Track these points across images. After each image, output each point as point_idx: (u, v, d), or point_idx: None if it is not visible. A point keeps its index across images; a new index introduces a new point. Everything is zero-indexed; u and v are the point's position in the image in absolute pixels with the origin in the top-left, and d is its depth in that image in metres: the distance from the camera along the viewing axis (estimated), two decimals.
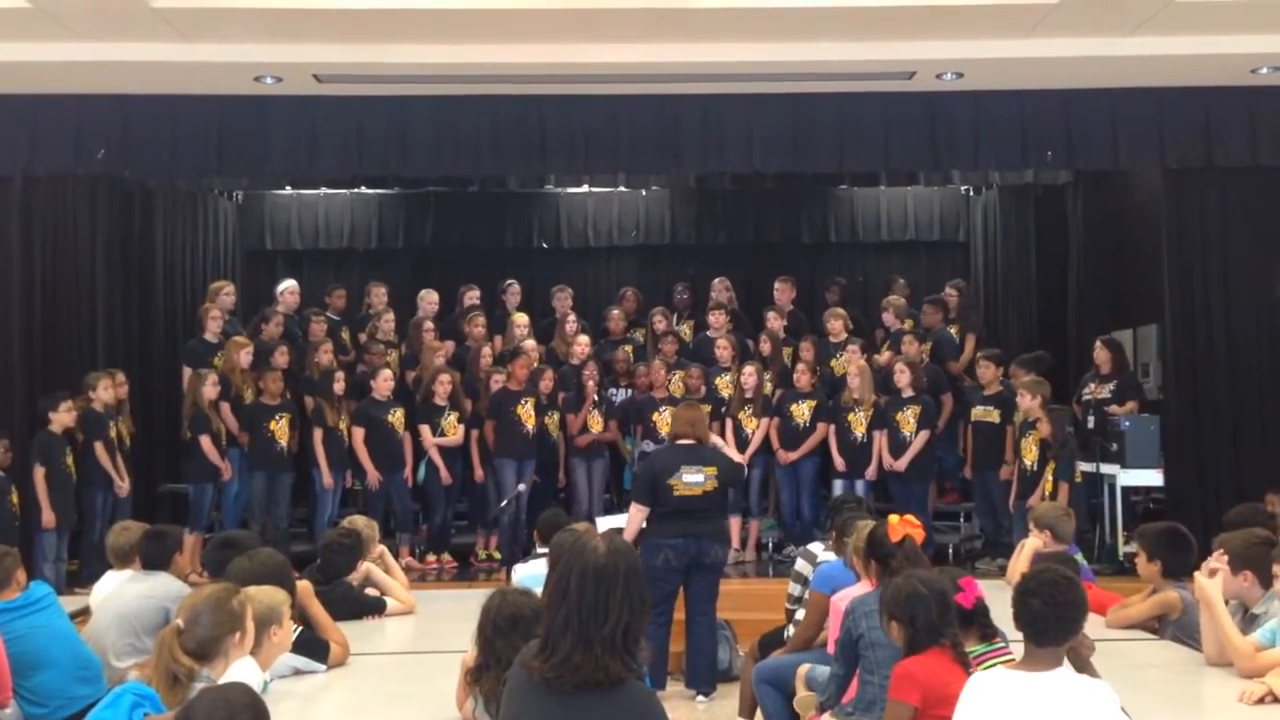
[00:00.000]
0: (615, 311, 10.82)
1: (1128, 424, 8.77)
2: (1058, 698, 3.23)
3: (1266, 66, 8.43)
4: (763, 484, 9.71)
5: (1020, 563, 5.76)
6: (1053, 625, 3.31)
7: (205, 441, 8.92)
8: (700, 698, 6.87)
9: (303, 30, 7.76)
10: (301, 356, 9.87)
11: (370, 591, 5.84)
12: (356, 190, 12.29)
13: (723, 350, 9.87)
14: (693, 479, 6.76)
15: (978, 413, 9.25)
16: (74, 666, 5.00)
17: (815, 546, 5.96)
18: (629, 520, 6.81)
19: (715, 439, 7.55)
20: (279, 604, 4.06)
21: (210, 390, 9.01)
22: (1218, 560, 4.66)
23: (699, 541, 6.65)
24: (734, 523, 9.49)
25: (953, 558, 9.16)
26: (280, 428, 9.19)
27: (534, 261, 12.70)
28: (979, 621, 3.95)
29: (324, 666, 4.62)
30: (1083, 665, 3.67)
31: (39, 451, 8.36)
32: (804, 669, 5.07)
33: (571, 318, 10.56)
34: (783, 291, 10.72)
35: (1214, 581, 4.53)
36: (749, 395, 9.36)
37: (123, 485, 8.74)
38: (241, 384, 9.34)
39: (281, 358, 9.52)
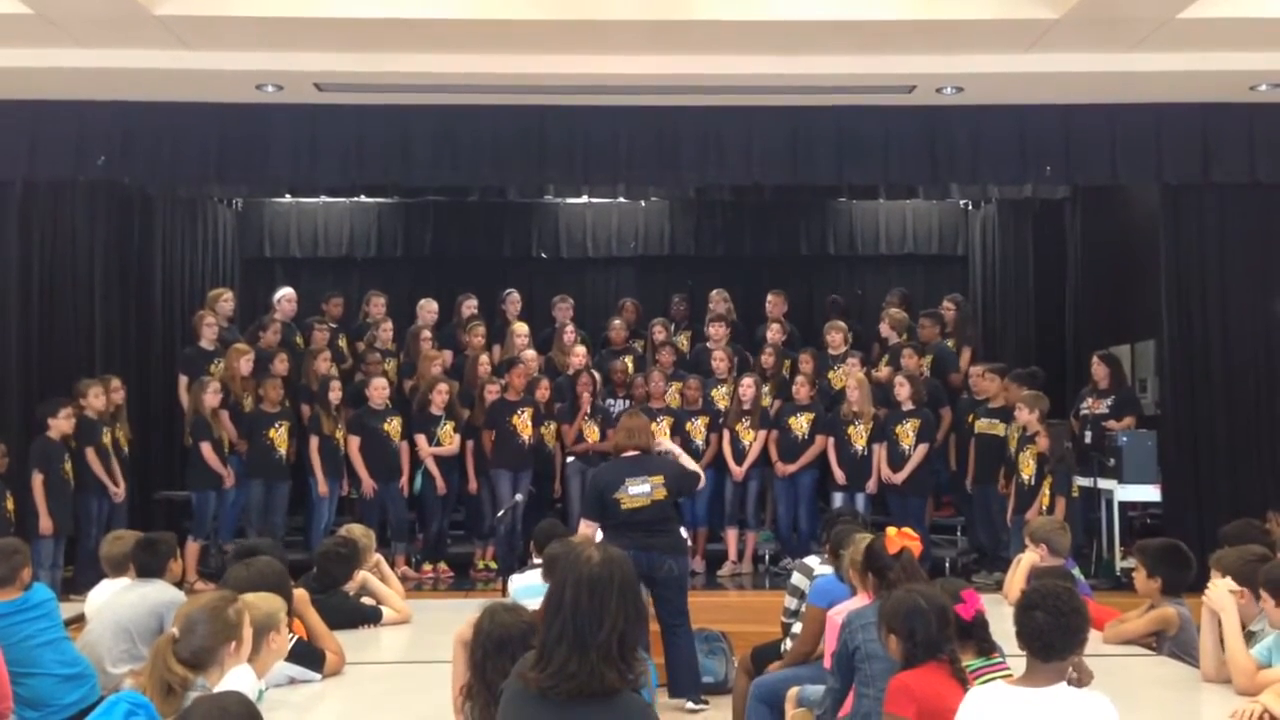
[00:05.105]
0: (617, 322, 10.82)
1: (1125, 439, 8.77)
2: (1059, 713, 3.22)
3: (1265, 84, 8.45)
4: (760, 496, 9.69)
5: (1017, 578, 5.75)
6: (1060, 637, 3.26)
7: (206, 449, 8.91)
8: (690, 704, 6.83)
9: (304, 39, 7.77)
10: (299, 364, 9.87)
11: (366, 600, 5.83)
12: (356, 199, 12.28)
13: (719, 362, 9.87)
14: (638, 490, 6.66)
15: (981, 425, 9.24)
16: (64, 673, 5.00)
17: (811, 560, 5.94)
18: (580, 536, 6.73)
19: (668, 445, 7.41)
20: (277, 611, 4.04)
21: (212, 398, 8.99)
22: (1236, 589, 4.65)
23: (649, 555, 6.48)
24: (730, 534, 9.51)
25: (949, 572, 9.13)
26: (279, 435, 9.19)
27: (532, 271, 12.70)
28: (977, 635, 3.94)
29: (319, 675, 4.62)
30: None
31: (38, 457, 8.34)
32: (794, 691, 5.05)
33: (570, 328, 10.56)
34: (775, 304, 10.72)
35: (1232, 597, 4.53)
36: (747, 407, 9.35)
37: (118, 491, 8.72)
38: (241, 391, 9.35)
39: (281, 365, 9.53)
